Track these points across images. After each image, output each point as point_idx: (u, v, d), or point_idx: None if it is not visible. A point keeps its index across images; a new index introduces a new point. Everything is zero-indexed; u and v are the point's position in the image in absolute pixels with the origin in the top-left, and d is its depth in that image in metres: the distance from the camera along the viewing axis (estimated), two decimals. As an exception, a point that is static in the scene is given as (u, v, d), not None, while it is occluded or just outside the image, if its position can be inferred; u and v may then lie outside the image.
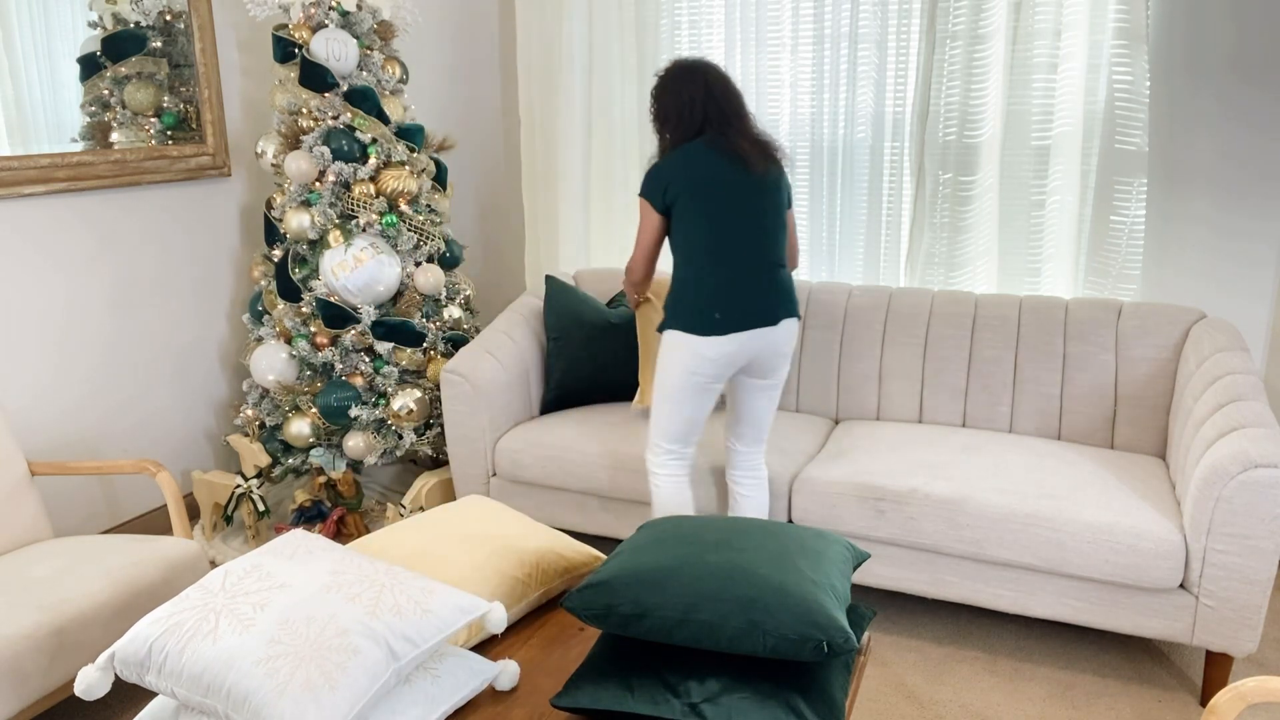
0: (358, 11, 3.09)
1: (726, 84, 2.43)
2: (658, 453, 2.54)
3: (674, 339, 2.41)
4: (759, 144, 2.42)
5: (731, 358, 2.39)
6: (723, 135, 2.40)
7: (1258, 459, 2.12)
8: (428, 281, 3.16)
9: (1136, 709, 2.35)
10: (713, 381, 2.43)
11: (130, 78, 3.05)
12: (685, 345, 2.39)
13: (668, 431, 2.51)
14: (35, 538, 2.52)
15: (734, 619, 1.50)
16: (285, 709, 1.36)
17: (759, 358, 2.44)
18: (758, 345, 2.40)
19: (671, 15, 3.41)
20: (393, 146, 3.12)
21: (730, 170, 2.37)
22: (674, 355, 2.42)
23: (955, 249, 3.17)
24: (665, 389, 2.47)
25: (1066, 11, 2.87)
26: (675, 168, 2.39)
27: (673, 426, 2.50)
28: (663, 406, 2.49)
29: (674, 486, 2.54)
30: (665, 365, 2.45)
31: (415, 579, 1.63)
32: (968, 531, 2.44)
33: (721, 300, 2.36)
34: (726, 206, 2.36)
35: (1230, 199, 2.88)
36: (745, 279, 2.38)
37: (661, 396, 2.48)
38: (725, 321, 2.36)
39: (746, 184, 2.38)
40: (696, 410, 2.47)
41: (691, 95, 2.41)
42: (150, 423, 3.28)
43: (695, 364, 2.39)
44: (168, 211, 3.25)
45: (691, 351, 2.38)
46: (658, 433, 2.53)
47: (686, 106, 2.41)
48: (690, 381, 2.42)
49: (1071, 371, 2.86)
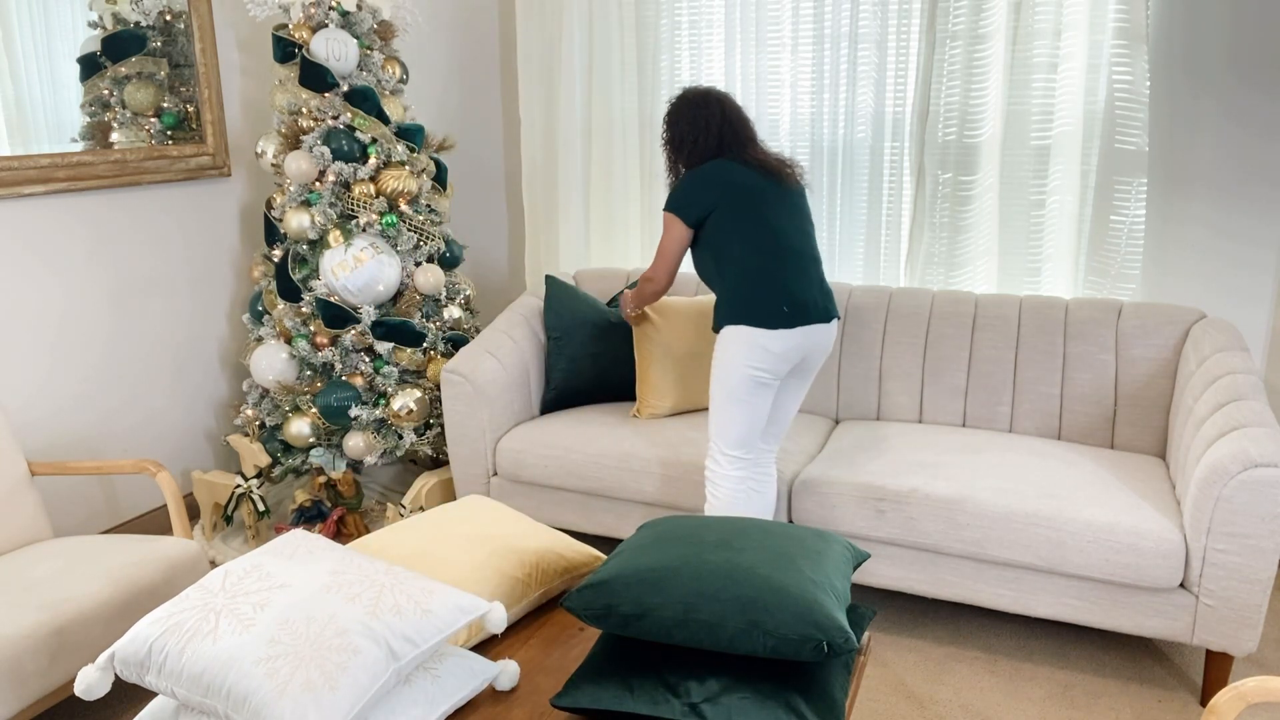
0: (358, 11, 3.09)
1: (740, 111, 2.53)
2: (719, 460, 2.49)
3: (736, 335, 2.39)
4: (777, 157, 2.52)
5: (791, 354, 2.41)
6: (742, 153, 2.47)
7: (1258, 458, 2.12)
8: (428, 281, 3.16)
9: (1136, 709, 2.35)
10: (773, 379, 2.42)
11: (130, 78, 3.05)
12: (749, 340, 2.38)
13: (729, 435, 2.46)
14: (35, 538, 2.52)
15: (734, 619, 1.50)
16: (285, 709, 1.36)
17: (810, 356, 2.47)
18: (813, 342, 2.44)
19: (671, 15, 3.41)
20: (393, 146, 3.12)
21: (759, 179, 2.45)
22: (736, 352, 2.39)
23: (955, 249, 3.17)
24: (727, 389, 2.43)
25: (1066, 11, 2.87)
26: (711, 179, 2.43)
27: (735, 429, 2.45)
28: (724, 410, 2.45)
29: (733, 495, 2.49)
30: (726, 364, 2.42)
31: (415, 579, 1.63)
32: (968, 531, 2.44)
33: (788, 294, 2.39)
34: (775, 209, 2.43)
35: (1230, 199, 2.88)
36: (803, 275, 2.43)
37: (723, 398, 2.44)
38: (792, 315, 2.38)
39: (778, 190, 2.46)
40: (757, 410, 2.45)
41: (707, 119, 2.48)
42: (150, 423, 3.28)
43: (760, 359, 2.38)
44: (168, 211, 3.25)
45: (756, 346, 2.37)
46: (720, 438, 2.48)
47: (702, 131, 2.48)
48: (753, 379, 2.40)
49: (1071, 371, 2.86)
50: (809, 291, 2.42)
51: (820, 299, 2.45)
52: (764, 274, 2.39)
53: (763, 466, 2.61)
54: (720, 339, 2.44)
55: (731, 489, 2.49)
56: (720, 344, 2.44)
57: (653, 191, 3.59)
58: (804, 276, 2.43)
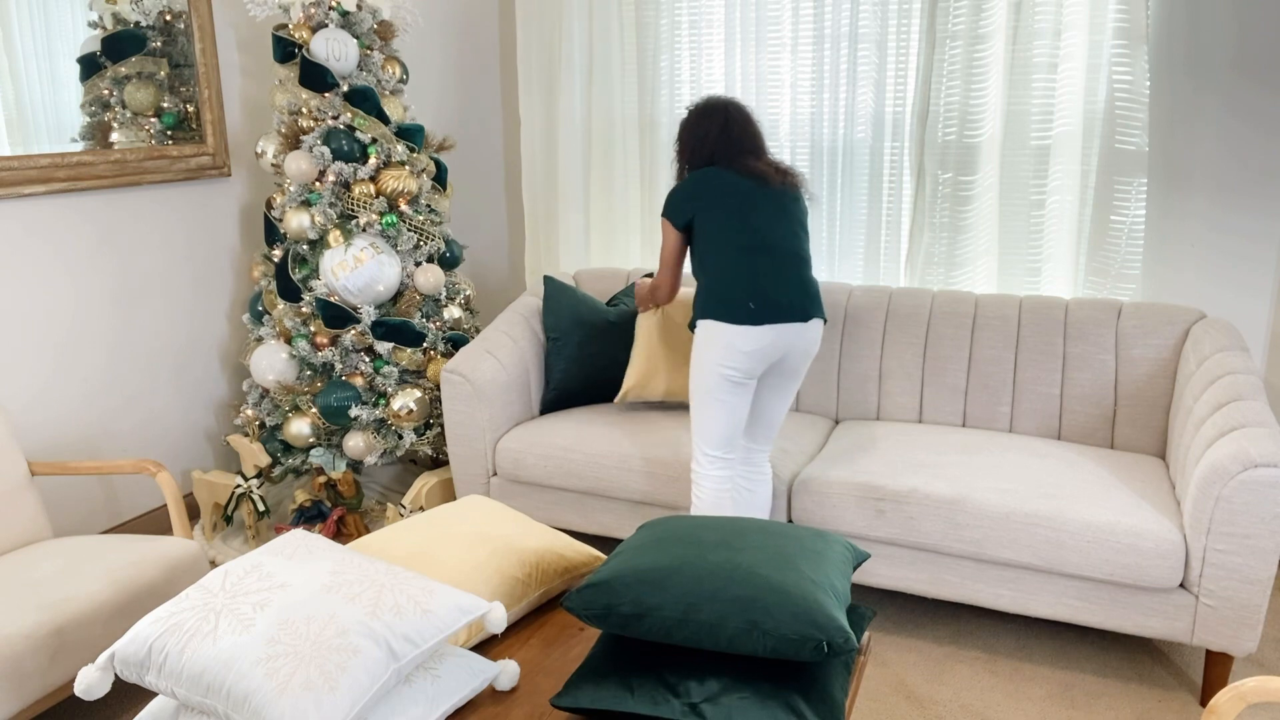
0: (358, 11, 3.09)
1: (746, 122, 2.54)
2: (700, 460, 2.51)
3: (707, 333, 2.41)
4: (774, 165, 2.52)
5: (764, 352, 2.40)
6: (732, 163, 2.50)
7: (1258, 458, 2.12)
8: (428, 281, 3.16)
9: (1136, 709, 2.35)
10: (746, 378, 2.42)
11: (130, 78, 3.05)
12: (719, 338, 2.38)
13: (709, 435, 2.47)
14: (35, 538, 2.52)
15: (734, 619, 1.50)
16: (285, 709, 1.36)
17: (788, 356, 2.46)
18: (788, 341, 2.43)
19: (671, 15, 3.41)
20: (393, 146, 3.12)
21: (746, 183, 2.47)
22: (707, 352, 2.41)
23: (955, 249, 3.17)
24: (701, 389, 2.45)
25: (1066, 11, 2.87)
26: (693, 184, 2.49)
27: (714, 429, 2.46)
28: (702, 410, 2.47)
29: (716, 495, 2.50)
30: (699, 364, 2.44)
31: (415, 579, 1.63)
32: (967, 531, 2.44)
33: (755, 291, 2.38)
34: (750, 209, 2.44)
35: (1230, 198, 2.88)
36: (775, 273, 2.42)
37: (699, 398, 2.46)
38: (759, 312, 2.37)
39: (765, 193, 2.47)
40: (734, 410, 2.45)
41: (706, 130, 2.52)
42: (150, 423, 3.28)
43: (728, 357, 2.38)
44: (168, 212, 3.25)
45: (725, 344, 2.38)
46: (700, 438, 2.49)
47: (700, 140, 2.53)
48: (724, 377, 2.40)
49: (1071, 371, 2.86)
50: (785, 291, 2.40)
51: (799, 299, 2.42)
52: (737, 271, 2.40)
53: (755, 466, 2.61)
54: (695, 337, 2.47)
55: (714, 488, 2.50)
56: (695, 342, 2.47)
57: (653, 192, 3.60)
58: (781, 276, 2.41)
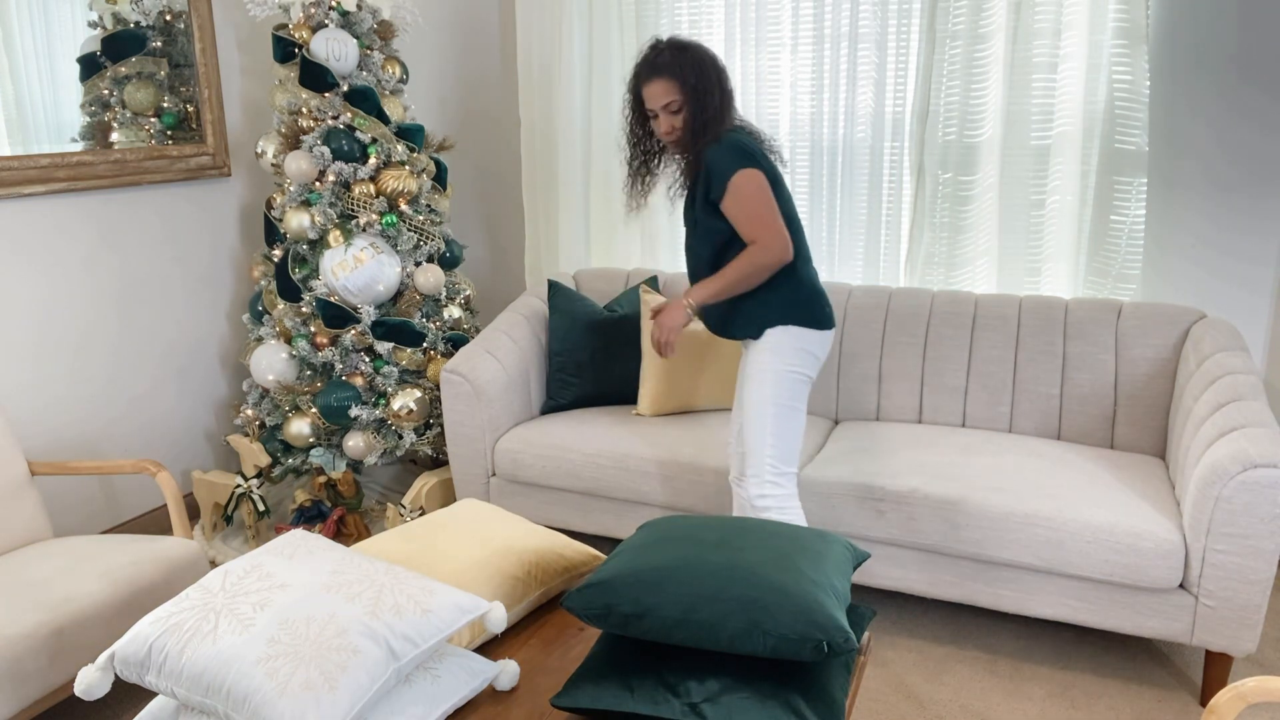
0: (358, 11, 3.09)
1: None
2: (779, 482, 2.22)
3: (783, 339, 2.18)
4: None
5: (825, 357, 2.26)
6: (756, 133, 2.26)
7: (1258, 459, 2.12)
8: (428, 281, 3.16)
9: (1136, 709, 2.35)
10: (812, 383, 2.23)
11: (130, 78, 3.05)
12: (798, 343, 2.19)
13: (786, 450, 2.20)
14: (35, 538, 2.52)
15: (734, 619, 1.50)
16: (285, 709, 1.36)
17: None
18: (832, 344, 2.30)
19: (671, 15, 3.41)
20: (393, 146, 3.12)
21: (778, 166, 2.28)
22: (784, 358, 2.19)
23: (955, 249, 3.17)
24: (775, 401, 2.17)
25: (1066, 11, 2.87)
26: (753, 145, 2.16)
27: (789, 442, 2.20)
28: (781, 423, 2.19)
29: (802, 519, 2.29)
30: (775, 371, 2.18)
31: (415, 579, 1.63)
32: (967, 531, 2.44)
33: (821, 291, 2.25)
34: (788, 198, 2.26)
35: (1230, 198, 2.88)
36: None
37: (774, 411, 2.18)
38: (832, 315, 2.25)
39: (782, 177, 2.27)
40: (803, 419, 2.25)
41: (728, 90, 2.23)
42: (150, 423, 3.28)
43: (807, 363, 2.21)
44: (168, 211, 3.25)
45: (804, 349, 2.20)
46: (773, 456, 2.20)
47: (728, 93, 2.22)
48: (803, 384, 2.20)
49: (1071, 371, 2.86)
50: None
51: None
52: (804, 272, 2.21)
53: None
54: (759, 345, 2.20)
55: (799, 512, 2.27)
56: (760, 350, 2.19)
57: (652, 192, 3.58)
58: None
